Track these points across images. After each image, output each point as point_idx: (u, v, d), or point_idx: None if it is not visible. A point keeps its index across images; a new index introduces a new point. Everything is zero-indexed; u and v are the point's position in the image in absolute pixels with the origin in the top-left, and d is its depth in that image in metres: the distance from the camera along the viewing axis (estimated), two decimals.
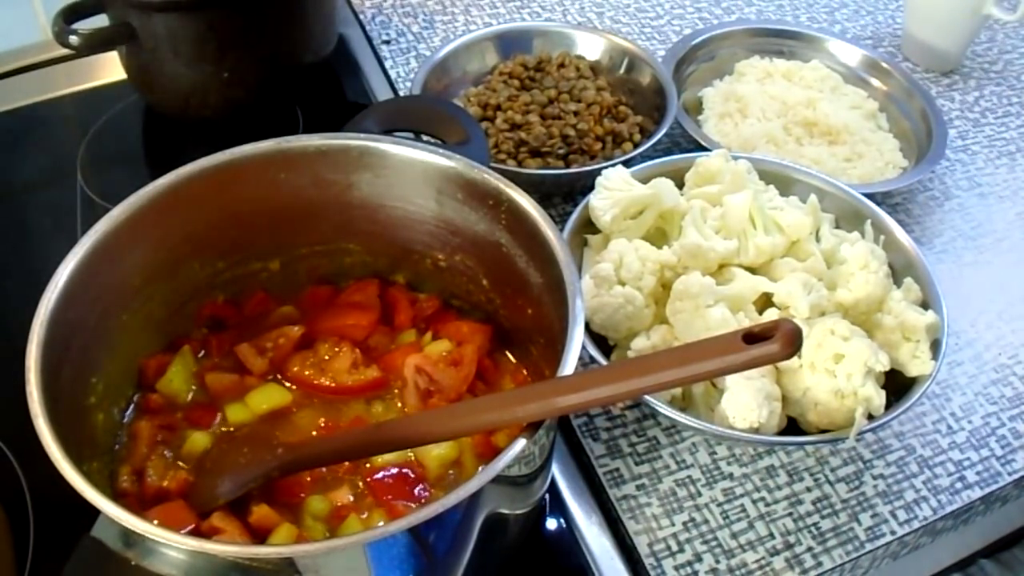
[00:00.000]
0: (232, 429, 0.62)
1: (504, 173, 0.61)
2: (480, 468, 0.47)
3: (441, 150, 0.63)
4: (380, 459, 0.59)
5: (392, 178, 0.64)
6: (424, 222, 0.66)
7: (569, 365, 0.50)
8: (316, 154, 0.63)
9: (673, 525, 0.66)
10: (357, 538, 0.47)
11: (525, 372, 0.66)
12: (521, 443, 0.47)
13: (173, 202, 0.60)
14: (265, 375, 0.65)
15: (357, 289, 0.70)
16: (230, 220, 0.64)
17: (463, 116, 0.71)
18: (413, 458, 0.60)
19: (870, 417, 0.64)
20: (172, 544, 0.44)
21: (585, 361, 0.74)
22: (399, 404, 0.64)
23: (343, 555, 0.47)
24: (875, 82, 1.01)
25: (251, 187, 0.64)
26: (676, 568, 0.64)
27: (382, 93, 1.01)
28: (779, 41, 1.05)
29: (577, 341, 0.51)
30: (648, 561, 0.64)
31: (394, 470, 0.59)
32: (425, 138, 0.73)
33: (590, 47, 1.00)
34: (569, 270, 0.55)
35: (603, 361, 0.67)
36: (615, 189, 0.75)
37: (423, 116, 0.73)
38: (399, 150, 0.63)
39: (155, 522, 0.45)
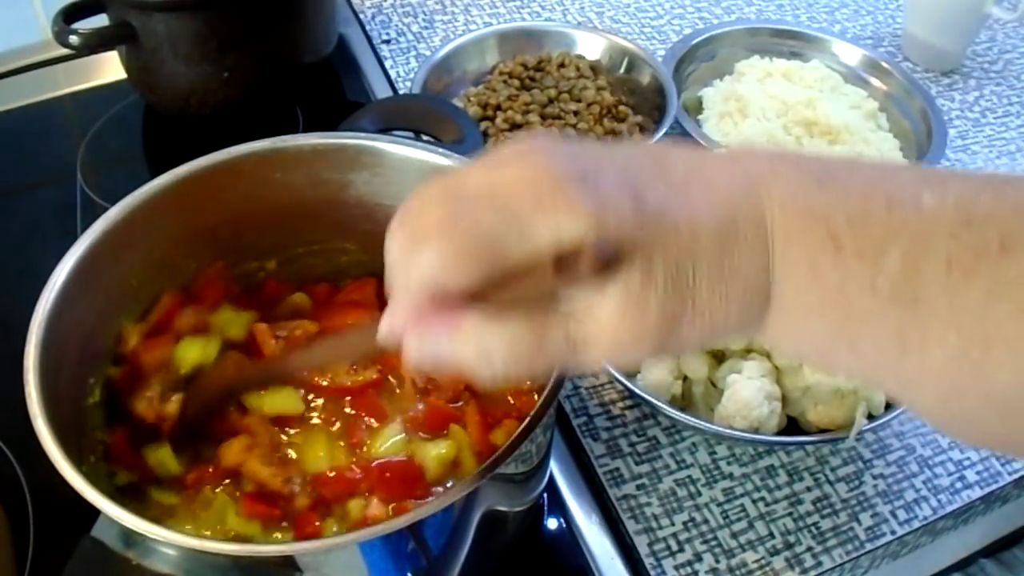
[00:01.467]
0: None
1: None
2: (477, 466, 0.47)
3: (437, 148, 0.63)
4: (380, 451, 0.60)
5: (389, 177, 0.64)
6: None
7: None
8: (312, 153, 0.63)
9: (673, 525, 0.66)
10: (355, 536, 0.47)
11: None
12: (518, 442, 0.47)
13: (169, 202, 0.60)
14: None
15: (355, 288, 0.70)
16: (227, 220, 0.64)
17: (458, 114, 0.71)
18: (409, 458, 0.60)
19: (870, 417, 0.64)
20: (173, 543, 0.44)
21: None
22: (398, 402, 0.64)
23: (342, 553, 0.47)
24: (875, 82, 1.01)
25: (247, 187, 0.63)
26: (676, 568, 0.64)
27: (382, 93, 1.01)
28: (779, 41, 1.05)
29: None
30: (648, 561, 0.64)
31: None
32: (425, 138, 0.73)
33: (590, 47, 1.00)
34: None
35: None
36: None
37: (418, 115, 0.73)
38: (395, 149, 0.63)
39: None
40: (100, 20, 0.88)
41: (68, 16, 0.85)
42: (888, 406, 0.65)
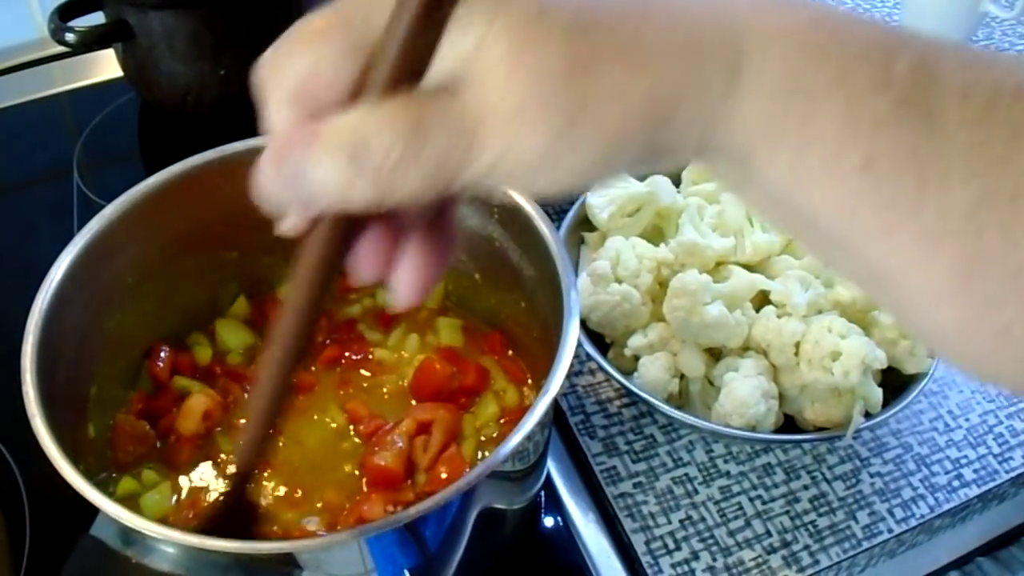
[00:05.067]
0: None
1: None
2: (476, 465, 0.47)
3: None
4: None
5: None
6: None
7: (565, 358, 0.50)
8: None
9: (670, 523, 0.66)
10: (355, 533, 0.47)
11: (522, 364, 0.66)
12: (516, 440, 0.47)
13: (164, 200, 0.60)
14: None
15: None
16: (223, 217, 0.64)
17: None
18: None
19: (867, 415, 0.64)
20: (172, 541, 0.44)
21: (583, 359, 0.74)
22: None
23: (341, 549, 0.47)
24: None
25: (241, 184, 0.62)
26: (673, 566, 0.64)
27: None
28: None
29: (573, 334, 0.51)
30: (645, 559, 0.64)
31: None
32: None
33: None
34: (563, 262, 0.56)
35: (600, 360, 0.67)
36: (612, 186, 0.75)
37: None
38: None
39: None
40: (96, 18, 0.88)
41: (64, 14, 0.85)
42: (885, 404, 0.65)
